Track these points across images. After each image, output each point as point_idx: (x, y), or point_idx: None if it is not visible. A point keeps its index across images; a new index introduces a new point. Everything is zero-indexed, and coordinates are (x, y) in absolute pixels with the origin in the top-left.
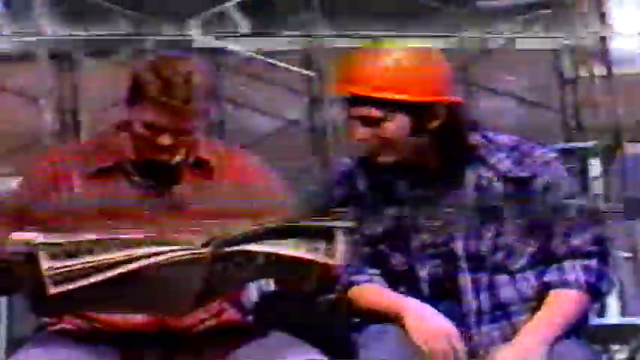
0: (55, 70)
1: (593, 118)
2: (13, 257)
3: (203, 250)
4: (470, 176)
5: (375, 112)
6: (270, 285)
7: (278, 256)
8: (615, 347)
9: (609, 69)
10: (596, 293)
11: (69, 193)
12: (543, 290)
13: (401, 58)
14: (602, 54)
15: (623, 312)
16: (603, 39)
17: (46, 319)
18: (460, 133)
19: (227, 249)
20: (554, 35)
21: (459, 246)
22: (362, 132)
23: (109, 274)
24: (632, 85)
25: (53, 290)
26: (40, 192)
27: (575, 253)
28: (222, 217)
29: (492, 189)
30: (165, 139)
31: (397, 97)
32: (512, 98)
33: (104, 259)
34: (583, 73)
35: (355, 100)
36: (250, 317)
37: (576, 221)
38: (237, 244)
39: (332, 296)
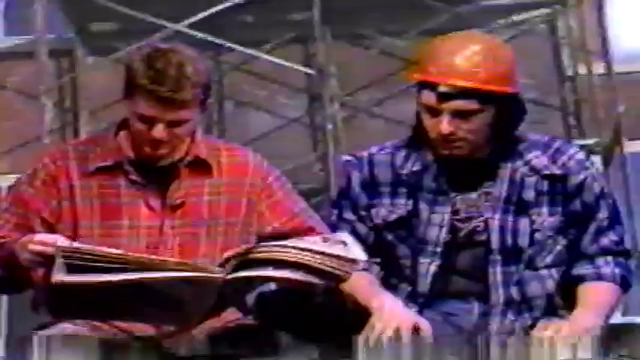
0: (55, 69)
1: (592, 115)
2: (32, 258)
3: (217, 275)
4: (505, 170)
5: (472, 105)
6: (270, 285)
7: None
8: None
9: (609, 66)
10: (626, 286)
11: (69, 191)
12: (575, 283)
13: (494, 50)
14: (602, 52)
15: (624, 312)
16: (603, 37)
17: (47, 320)
18: (511, 126)
19: (241, 274)
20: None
21: (494, 238)
22: (451, 125)
23: (120, 277)
24: (632, 83)
25: (62, 278)
26: (42, 189)
27: (605, 251)
28: (220, 216)
29: (526, 184)
30: (159, 132)
31: (503, 89)
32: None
33: (115, 256)
34: (582, 70)
35: (450, 94)
36: (250, 317)
37: (604, 221)
38: (251, 267)
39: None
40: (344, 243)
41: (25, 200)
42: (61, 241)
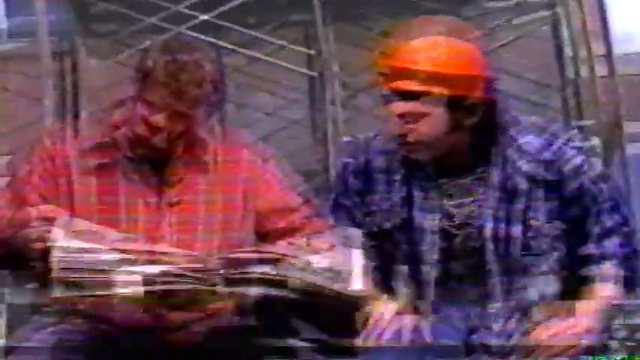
0: (56, 70)
1: (593, 116)
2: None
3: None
4: (497, 156)
5: (419, 108)
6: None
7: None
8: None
9: (611, 68)
10: (632, 267)
11: (67, 187)
12: (580, 266)
13: (449, 51)
14: (605, 54)
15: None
16: (606, 38)
17: (47, 320)
18: (492, 132)
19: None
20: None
21: (488, 247)
22: (400, 127)
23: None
24: (634, 85)
25: (58, 274)
26: (39, 185)
27: (610, 232)
28: (217, 213)
29: (519, 168)
30: (159, 120)
31: (444, 92)
32: (513, 97)
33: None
34: (585, 72)
35: (400, 95)
36: (250, 317)
37: (607, 202)
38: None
39: None
40: (348, 258)
41: (22, 197)
42: (59, 214)
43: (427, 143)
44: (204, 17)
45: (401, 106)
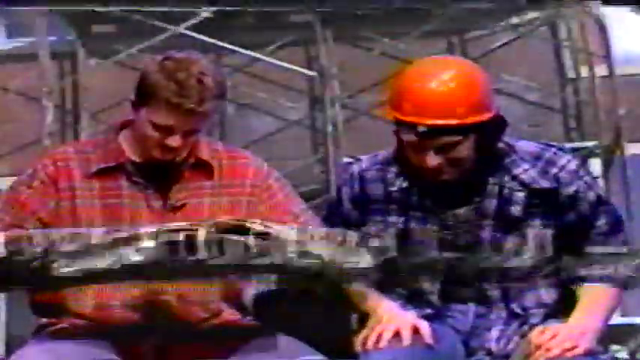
0: (56, 71)
1: (593, 118)
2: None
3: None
4: (493, 186)
5: (455, 138)
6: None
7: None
8: (615, 347)
9: (611, 69)
10: (630, 287)
11: (69, 192)
12: (576, 286)
13: (468, 78)
14: (604, 54)
15: (623, 312)
16: (605, 39)
17: (46, 320)
18: (492, 145)
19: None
20: (556, 36)
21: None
22: (437, 159)
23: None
24: (633, 85)
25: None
26: (40, 189)
27: (607, 255)
28: (221, 216)
29: (514, 199)
30: (175, 141)
31: (483, 118)
32: (513, 98)
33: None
34: (584, 72)
35: (430, 131)
36: (249, 317)
37: (604, 227)
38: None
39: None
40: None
41: (21, 201)
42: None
43: (462, 167)
44: (204, 18)
45: (439, 141)
